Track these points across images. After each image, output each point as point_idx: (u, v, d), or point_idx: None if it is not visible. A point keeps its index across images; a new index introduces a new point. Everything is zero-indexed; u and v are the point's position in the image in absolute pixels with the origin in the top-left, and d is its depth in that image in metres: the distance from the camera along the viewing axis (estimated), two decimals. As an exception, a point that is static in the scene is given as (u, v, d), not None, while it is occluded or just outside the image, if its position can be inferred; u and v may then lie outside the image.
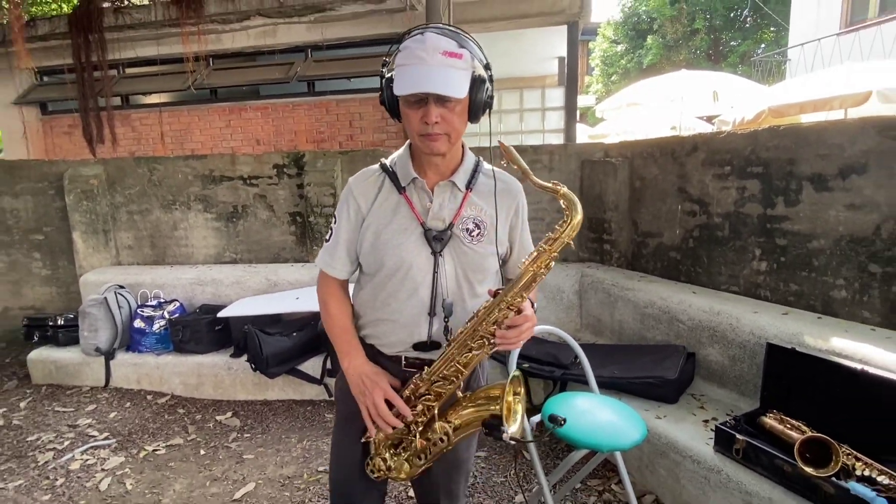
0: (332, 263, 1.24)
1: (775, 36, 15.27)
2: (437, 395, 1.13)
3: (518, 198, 1.25)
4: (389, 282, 1.18)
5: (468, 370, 1.12)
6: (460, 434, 1.14)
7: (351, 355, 1.21)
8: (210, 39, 6.30)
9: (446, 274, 1.16)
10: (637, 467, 2.23)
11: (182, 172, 3.99)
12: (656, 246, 3.14)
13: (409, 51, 1.04)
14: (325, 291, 1.28)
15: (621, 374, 2.40)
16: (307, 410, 3.03)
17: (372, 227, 1.18)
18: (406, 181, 1.18)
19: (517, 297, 1.07)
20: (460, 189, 1.19)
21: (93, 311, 3.34)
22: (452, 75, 1.03)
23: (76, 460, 2.58)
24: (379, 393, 1.14)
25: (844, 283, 2.22)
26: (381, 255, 1.16)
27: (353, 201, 1.20)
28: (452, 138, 1.10)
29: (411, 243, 1.15)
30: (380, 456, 1.21)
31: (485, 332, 1.09)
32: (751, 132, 2.56)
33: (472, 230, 1.17)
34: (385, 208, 1.18)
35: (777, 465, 1.69)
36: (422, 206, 1.17)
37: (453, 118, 1.07)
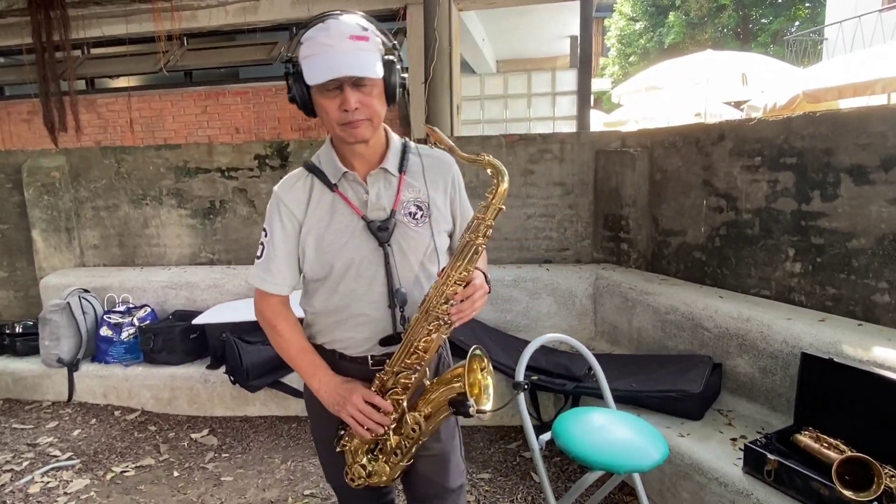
0: (271, 279, 1.27)
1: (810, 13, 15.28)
2: (403, 387, 1.20)
3: (452, 169, 1.33)
4: (342, 282, 1.23)
5: (430, 355, 1.18)
6: (433, 422, 1.20)
7: (318, 374, 1.26)
8: (184, 17, 6.31)
9: (397, 263, 1.22)
10: (658, 490, 2.23)
11: (153, 164, 3.99)
12: (679, 245, 3.14)
13: (314, 40, 1.09)
14: (270, 313, 1.31)
15: (640, 388, 2.41)
16: (292, 427, 3.03)
17: (312, 232, 1.22)
18: (336, 177, 1.23)
19: (462, 271, 1.14)
20: (393, 174, 1.25)
21: (54, 317, 3.34)
22: (364, 57, 1.09)
23: (36, 483, 2.58)
24: (357, 397, 1.19)
25: (888, 286, 2.22)
26: (328, 258, 1.22)
27: (284, 209, 1.24)
28: (375, 122, 1.17)
29: (356, 239, 1.21)
30: (357, 463, 1.26)
31: (439, 313, 1.15)
32: (784, 119, 2.56)
33: (415, 213, 1.24)
34: (321, 210, 1.23)
35: (813, 488, 1.69)
36: (358, 200, 1.23)
37: (372, 101, 1.13)
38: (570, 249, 3.69)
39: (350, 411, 1.19)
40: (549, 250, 3.68)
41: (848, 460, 1.64)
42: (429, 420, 1.20)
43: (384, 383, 1.21)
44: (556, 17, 7.85)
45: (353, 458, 1.27)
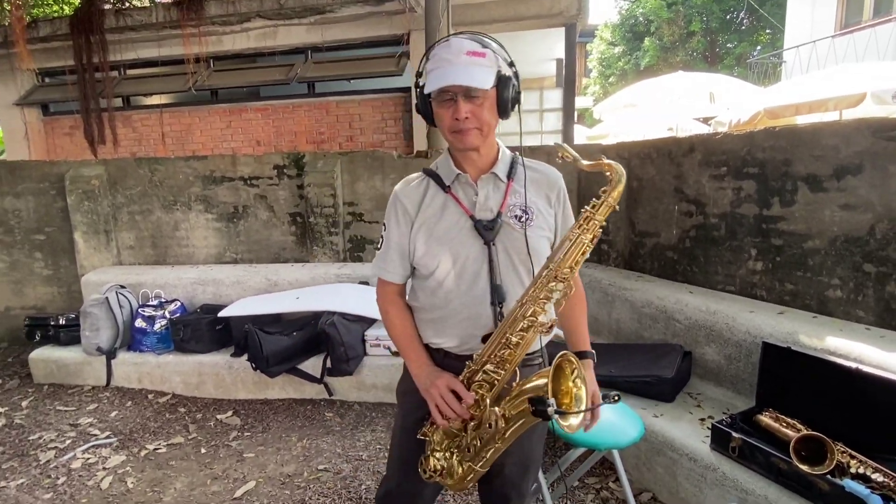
0: (387, 268, 1.26)
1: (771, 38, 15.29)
2: (490, 382, 1.12)
3: (557, 183, 1.28)
4: (447, 278, 1.19)
5: (521, 351, 1.10)
6: (514, 426, 1.08)
7: (418, 361, 1.23)
8: (211, 41, 6.30)
9: (500, 262, 1.18)
10: (634, 465, 2.23)
11: (183, 173, 3.99)
12: (653, 246, 3.14)
13: (437, 56, 1.12)
14: (385, 300, 1.29)
15: (619, 373, 2.41)
16: (307, 409, 3.03)
17: (423, 227, 1.21)
18: (450, 179, 1.22)
19: (564, 267, 1.08)
20: (502, 179, 1.23)
21: (94, 310, 3.33)
22: (477, 71, 1.09)
23: (78, 459, 2.58)
24: (443, 383, 1.14)
25: (839, 282, 2.22)
26: (436, 252, 1.19)
27: (399, 206, 1.23)
28: (484, 131, 1.15)
29: (464, 236, 1.18)
30: (434, 455, 1.18)
31: (536, 308, 1.08)
32: (747, 133, 2.57)
33: (520, 216, 1.20)
34: (433, 208, 1.21)
35: (773, 463, 1.69)
36: (468, 200, 1.21)
37: (482, 112, 1.13)
38: (556, 250, 3.68)
39: (433, 393, 1.14)
40: (538, 250, 3.68)
41: (804, 438, 1.64)
42: (508, 421, 1.07)
43: (472, 374, 1.13)
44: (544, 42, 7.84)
45: (433, 449, 1.18)
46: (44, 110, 6.96)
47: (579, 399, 1.03)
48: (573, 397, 1.03)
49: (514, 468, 1.27)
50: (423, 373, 1.20)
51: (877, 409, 1.66)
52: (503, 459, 1.20)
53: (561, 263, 1.08)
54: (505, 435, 1.08)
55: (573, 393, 1.03)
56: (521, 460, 1.27)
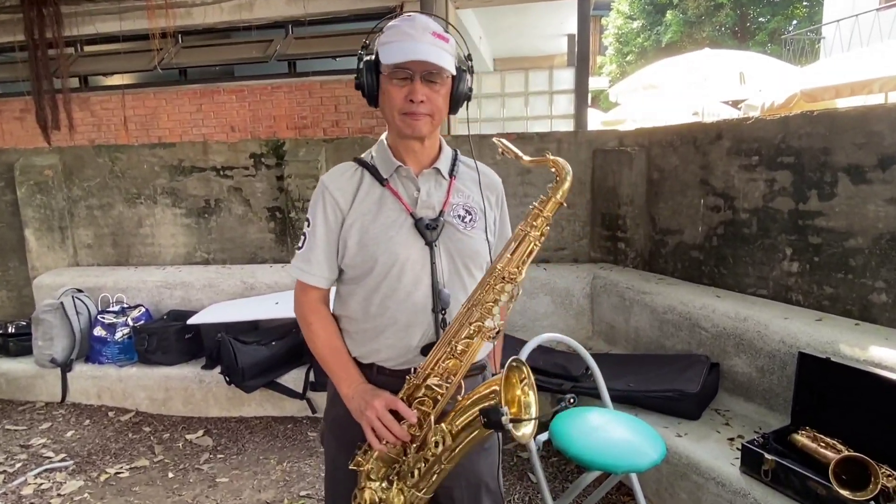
0: (310, 269, 1.23)
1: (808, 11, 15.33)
2: (433, 399, 1.10)
3: (498, 187, 1.34)
4: (384, 282, 1.17)
5: (467, 360, 1.09)
6: (462, 443, 1.07)
7: (349, 378, 1.20)
8: (179, 14, 6.28)
9: (443, 265, 1.19)
10: (655, 490, 2.24)
11: (148, 162, 3.98)
12: (676, 244, 3.15)
13: (397, 28, 1.13)
14: (306, 308, 1.26)
15: (637, 387, 2.41)
16: (288, 428, 3.03)
17: (356, 224, 1.19)
18: (388, 171, 1.22)
19: (511, 267, 1.09)
20: (444, 176, 1.25)
21: (47, 317, 3.32)
22: (442, 53, 1.11)
23: (29, 484, 2.57)
24: (381, 403, 1.10)
25: (885, 285, 2.23)
26: (372, 252, 1.17)
27: (329, 199, 1.21)
28: (435, 120, 1.17)
29: (403, 236, 1.18)
30: (368, 487, 1.14)
31: (483, 312, 1.09)
32: (781, 118, 2.57)
33: (463, 216, 1.23)
34: (368, 203, 1.20)
35: (810, 488, 1.70)
36: (409, 196, 1.21)
37: (438, 99, 1.15)
38: (567, 249, 3.70)
39: (369, 416, 1.09)
40: (546, 249, 3.69)
41: (845, 460, 1.64)
42: (456, 438, 1.06)
43: (413, 390, 1.11)
44: (554, 15, 7.85)
45: (367, 480, 1.14)
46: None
47: (528, 406, 1.04)
48: (522, 406, 1.04)
49: (464, 492, 1.25)
50: (355, 392, 1.16)
51: (926, 428, 1.67)
52: (450, 483, 1.19)
53: (508, 263, 1.09)
54: (453, 453, 1.08)
55: (522, 401, 1.05)
56: (471, 482, 1.25)
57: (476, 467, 1.26)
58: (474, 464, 1.25)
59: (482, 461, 1.27)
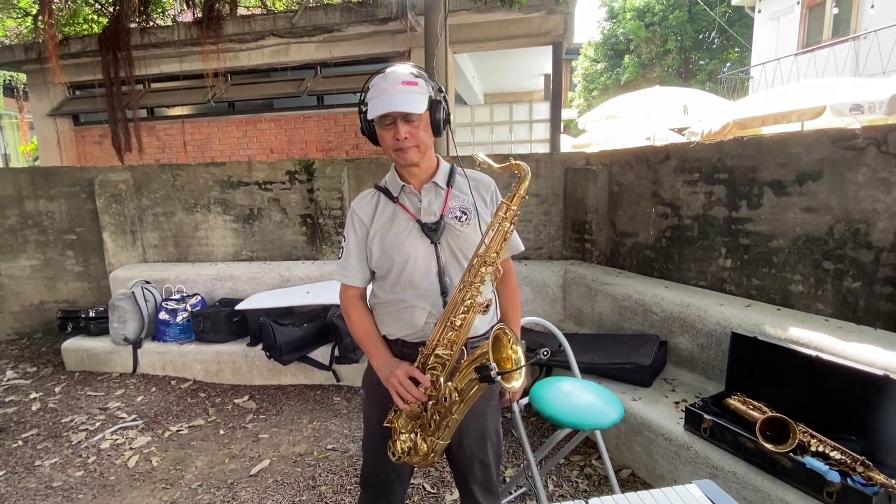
0: (347, 273, 1.30)
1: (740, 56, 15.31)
2: (441, 363, 1.15)
3: (491, 186, 1.34)
4: (402, 274, 1.23)
5: (464, 332, 1.14)
6: (467, 396, 1.12)
7: (378, 354, 1.26)
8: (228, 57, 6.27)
9: (447, 258, 1.24)
10: (615, 444, 2.24)
11: (203, 178, 3.97)
12: (632, 245, 3.15)
13: (376, 86, 1.17)
14: (347, 303, 1.33)
15: (601, 361, 2.41)
16: (317, 394, 3.02)
17: (377, 235, 1.26)
18: (397, 191, 1.28)
19: (491, 253, 1.12)
20: (442, 187, 1.28)
21: (121, 304, 3.32)
22: (411, 98, 1.15)
23: (106, 440, 2.57)
24: (401, 370, 1.17)
25: (801, 278, 2.23)
26: (390, 254, 1.24)
27: (356, 218, 1.29)
28: (422, 149, 1.21)
29: (412, 238, 1.23)
30: (399, 439, 1.20)
31: (473, 292, 1.13)
32: (717, 142, 2.57)
33: (460, 217, 1.26)
34: (384, 218, 1.27)
35: (740, 442, 1.70)
36: (414, 207, 1.26)
37: (419, 132, 1.18)
38: (544, 248, 3.69)
39: (393, 382, 1.17)
40: (527, 249, 3.68)
41: (769, 419, 1.65)
42: (461, 393, 1.11)
43: (426, 358, 1.16)
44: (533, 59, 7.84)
45: (397, 434, 1.20)
46: (75, 121, 6.92)
47: (518, 361, 1.09)
48: (513, 362, 1.09)
49: (472, 441, 1.30)
50: (382, 364, 1.23)
51: (835, 394, 1.67)
52: (461, 434, 1.25)
53: (488, 250, 1.12)
54: (460, 405, 1.12)
55: (513, 358, 1.09)
56: (477, 433, 1.30)
57: (482, 421, 1.30)
58: (481, 418, 1.29)
59: (488, 416, 1.31)
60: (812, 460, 1.51)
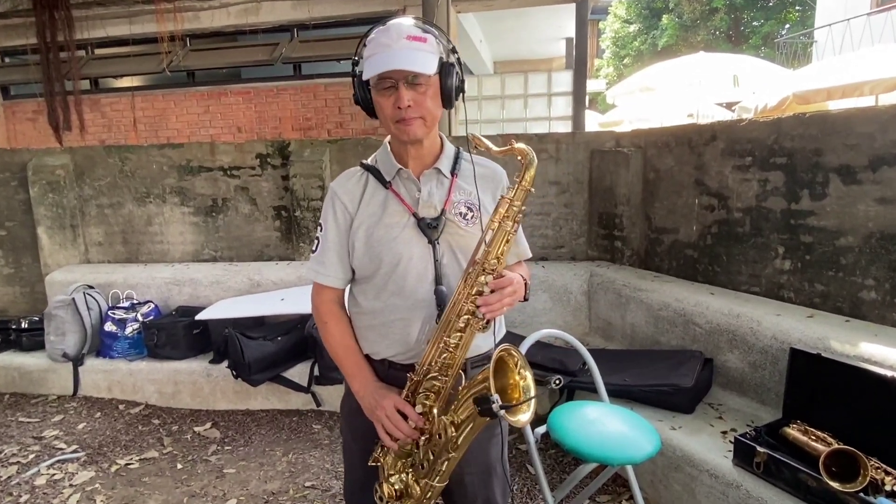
0: (324, 271, 1.25)
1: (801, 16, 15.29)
2: (435, 391, 1.13)
3: (502, 179, 1.30)
4: (390, 280, 1.19)
5: (461, 353, 1.11)
6: (466, 431, 1.10)
7: (360, 377, 1.23)
8: (187, 17, 6.28)
9: (446, 262, 1.20)
10: (650, 482, 2.24)
11: (157, 162, 3.98)
12: (671, 243, 3.15)
13: (375, 40, 1.12)
14: (322, 310, 1.29)
15: (633, 382, 2.41)
16: (293, 421, 3.03)
17: (363, 226, 1.21)
18: (391, 174, 1.22)
19: (491, 259, 1.09)
20: (446, 175, 1.24)
21: (59, 312, 3.33)
22: (418, 55, 1.09)
23: (42, 475, 2.57)
24: (390, 404, 1.14)
25: (874, 283, 2.23)
26: (377, 252, 1.19)
27: (338, 203, 1.23)
28: (428, 122, 1.16)
29: (406, 235, 1.19)
30: (388, 481, 1.19)
31: (469, 306, 1.09)
32: (774, 120, 2.57)
33: (465, 214, 1.22)
34: (373, 205, 1.22)
35: (801, 480, 1.70)
36: (410, 197, 1.21)
37: (425, 101, 1.13)
38: (565, 247, 3.70)
39: (379, 416, 1.15)
40: (545, 248, 3.69)
41: (835, 453, 1.65)
42: (458, 428, 1.08)
43: (416, 385, 1.14)
44: (553, 19, 7.84)
45: (387, 474, 1.19)
46: (3, 93, 6.94)
47: (527, 389, 1.05)
48: (521, 390, 1.05)
49: (474, 478, 1.29)
50: (367, 392, 1.20)
51: (914, 422, 1.67)
52: (461, 470, 1.23)
53: (487, 255, 1.09)
54: (457, 443, 1.10)
55: (521, 385, 1.06)
56: (480, 469, 1.29)
57: (485, 454, 1.29)
58: (484, 451, 1.28)
59: (491, 448, 1.30)
60: (887, 501, 1.51)
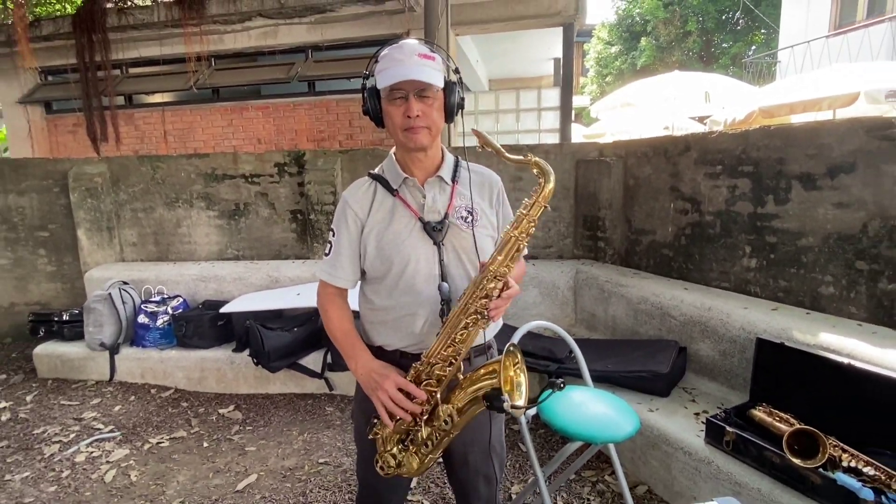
0: (336, 273, 1.25)
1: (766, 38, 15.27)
2: (437, 378, 1.13)
3: (497, 185, 1.32)
4: (402, 278, 1.20)
5: (465, 347, 1.13)
6: (466, 415, 1.12)
7: (356, 356, 1.22)
8: (212, 40, 6.27)
9: (450, 261, 1.21)
10: (630, 459, 2.24)
11: (185, 171, 3.98)
12: (649, 243, 3.14)
13: (388, 56, 1.13)
14: (325, 299, 1.30)
15: (615, 368, 2.41)
16: (308, 404, 3.03)
17: (373, 232, 1.22)
18: (397, 183, 1.23)
19: (502, 266, 1.10)
20: (447, 182, 1.25)
21: (97, 306, 3.33)
22: (428, 71, 1.12)
23: (81, 452, 2.58)
24: (390, 383, 1.14)
25: (832, 279, 2.23)
26: (388, 255, 1.20)
27: (350, 212, 1.24)
28: (433, 132, 1.18)
29: (413, 238, 1.20)
30: (388, 452, 1.19)
31: (477, 307, 1.10)
32: (742, 132, 2.57)
33: (466, 217, 1.23)
34: (382, 212, 1.23)
35: (766, 457, 1.70)
36: (416, 203, 1.22)
37: (432, 112, 1.15)
38: (554, 247, 3.69)
39: (381, 397, 1.14)
40: (535, 248, 3.68)
41: (797, 432, 1.65)
42: (461, 413, 1.11)
43: (419, 374, 1.14)
44: (542, 42, 7.83)
45: (384, 446, 1.19)
46: (47, 108, 6.93)
47: (519, 384, 1.09)
48: (514, 384, 1.08)
49: (476, 455, 1.30)
50: (367, 370, 1.19)
51: (868, 404, 1.67)
52: (465, 449, 1.25)
53: (499, 263, 1.10)
54: (457, 424, 1.13)
55: (514, 381, 1.09)
56: (482, 447, 1.30)
57: (486, 435, 1.30)
58: (486, 431, 1.29)
59: (493, 429, 1.31)
60: (844, 476, 1.51)
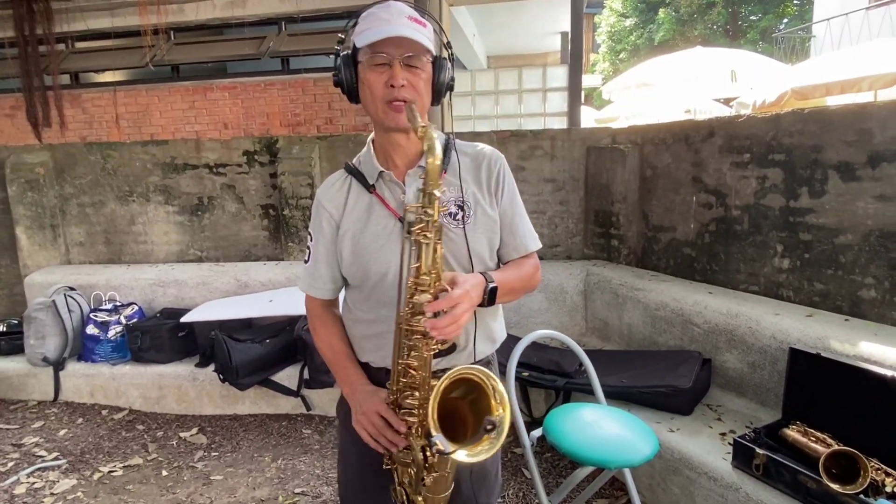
0: (315, 284, 1.25)
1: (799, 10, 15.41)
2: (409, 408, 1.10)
3: (494, 163, 1.22)
4: (379, 289, 1.17)
5: (425, 373, 1.07)
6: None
7: (349, 380, 1.22)
8: (171, 10, 6.23)
9: None
10: (648, 485, 2.25)
11: (140, 160, 3.95)
12: (669, 241, 3.16)
13: (373, 15, 1.08)
14: (311, 315, 1.31)
15: (630, 383, 2.42)
16: (282, 426, 3.02)
17: (348, 234, 1.19)
18: (373, 177, 1.18)
19: (422, 276, 1.02)
20: None
21: (39, 315, 3.30)
22: (419, 34, 1.07)
23: (22, 483, 2.55)
24: (372, 409, 1.13)
25: (874, 281, 2.25)
26: (364, 262, 1.16)
27: (323, 212, 1.22)
28: (418, 109, 1.10)
29: (393, 242, 1.15)
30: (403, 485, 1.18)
31: (416, 327, 1.03)
32: (772, 116, 2.58)
33: (455, 213, 1.15)
34: (358, 211, 1.19)
35: (800, 482, 1.71)
36: (395, 200, 1.17)
37: (419, 83, 1.09)
38: (561, 246, 3.70)
39: (362, 422, 1.13)
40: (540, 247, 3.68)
41: (835, 454, 1.66)
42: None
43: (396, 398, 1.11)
44: (547, 13, 7.86)
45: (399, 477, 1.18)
46: (-20, 88, 6.86)
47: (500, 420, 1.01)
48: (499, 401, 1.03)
49: (470, 482, 1.29)
50: (355, 393, 1.19)
51: (914, 422, 1.68)
52: (460, 477, 1.23)
53: (418, 273, 1.02)
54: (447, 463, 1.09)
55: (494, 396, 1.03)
56: (477, 473, 1.29)
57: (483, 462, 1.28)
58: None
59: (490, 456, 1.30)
60: (887, 503, 1.52)
